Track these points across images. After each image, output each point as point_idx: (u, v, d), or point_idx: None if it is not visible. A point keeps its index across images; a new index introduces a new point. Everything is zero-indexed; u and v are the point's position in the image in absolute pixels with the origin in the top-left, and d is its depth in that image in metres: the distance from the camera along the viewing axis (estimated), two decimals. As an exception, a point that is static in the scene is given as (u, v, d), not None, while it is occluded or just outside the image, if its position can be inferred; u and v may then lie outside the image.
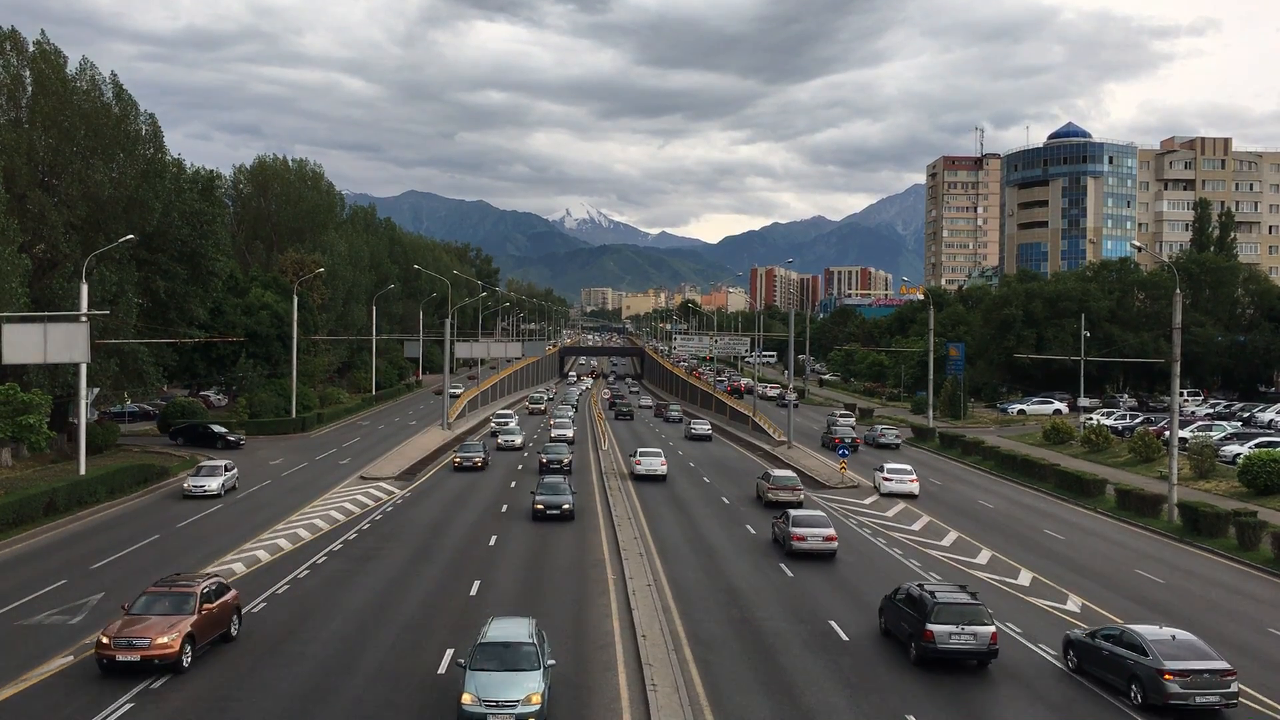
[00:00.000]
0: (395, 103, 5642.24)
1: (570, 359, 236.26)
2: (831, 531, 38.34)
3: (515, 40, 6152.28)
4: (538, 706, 20.00)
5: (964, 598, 25.83)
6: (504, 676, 20.35)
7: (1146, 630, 24.15)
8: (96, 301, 52.82)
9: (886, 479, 54.06)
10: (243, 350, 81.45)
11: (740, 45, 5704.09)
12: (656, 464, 58.56)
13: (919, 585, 27.07)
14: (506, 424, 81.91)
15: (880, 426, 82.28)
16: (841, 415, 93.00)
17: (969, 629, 24.80)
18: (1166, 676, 22.27)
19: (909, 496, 52.95)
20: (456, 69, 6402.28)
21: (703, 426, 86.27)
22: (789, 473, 52.94)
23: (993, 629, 25.14)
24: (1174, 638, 23.65)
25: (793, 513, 39.42)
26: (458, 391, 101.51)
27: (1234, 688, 22.54)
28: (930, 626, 24.83)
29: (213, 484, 48.43)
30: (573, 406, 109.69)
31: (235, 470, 51.46)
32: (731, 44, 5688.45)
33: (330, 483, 54.11)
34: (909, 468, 55.88)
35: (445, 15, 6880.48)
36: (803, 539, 37.79)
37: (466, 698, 19.95)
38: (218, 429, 69.13)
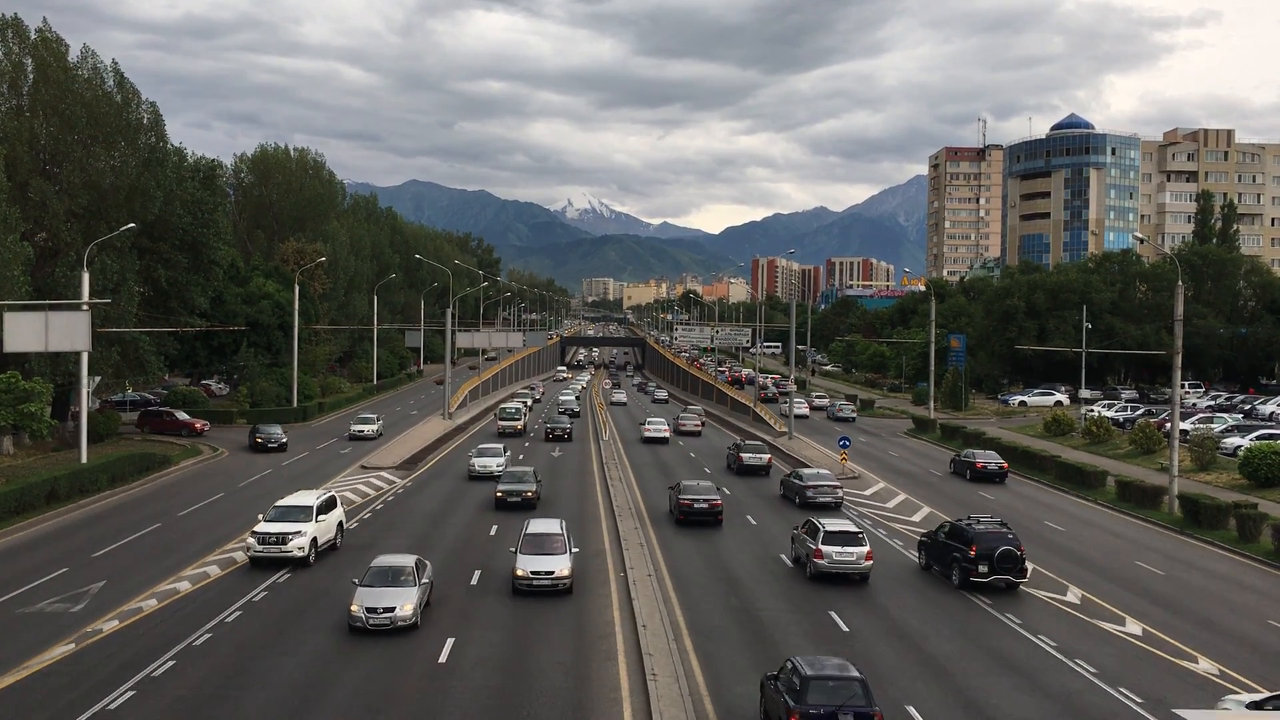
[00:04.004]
0: (394, 92, 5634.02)
1: (571, 349, 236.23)
2: (699, 422, 79.71)
3: (513, 30, 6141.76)
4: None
5: (760, 445, 60.82)
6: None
7: (806, 470, 49.05)
8: (98, 290, 52.81)
9: (681, 423, 79.16)
10: (244, 339, 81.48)
11: (739, 35, 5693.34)
12: (620, 395, 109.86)
13: (737, 440, 65.99)
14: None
15: (838, 402, 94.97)
16: (817, 397, 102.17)
17: (758, 455, 57.19)
18: (807, 490, 45.68)
19: (695, 434, 77.10)
20: (455, 58, 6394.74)
21: (661, 394, 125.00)
22: (698, 408, 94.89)
23: (768, 456, 57.68)
24: (818, 473, 47.93)
25: (680, 413, 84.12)
26: (365, 429, 67.82)
27: (840, 494, 46.01)
28: (742, 455, 57.57)
29: None
30: (564, 428, 71.11)
31: None
32: (730, 34, 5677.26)
33: (331, 472, 54.16)
34: (697, 413, 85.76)
35: (443, 4, 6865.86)
36: (684, 424, 78.22)
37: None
38: (270, 429, 62.55)
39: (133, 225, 54.63)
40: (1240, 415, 73.84)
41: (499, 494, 44.08)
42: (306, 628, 26.44)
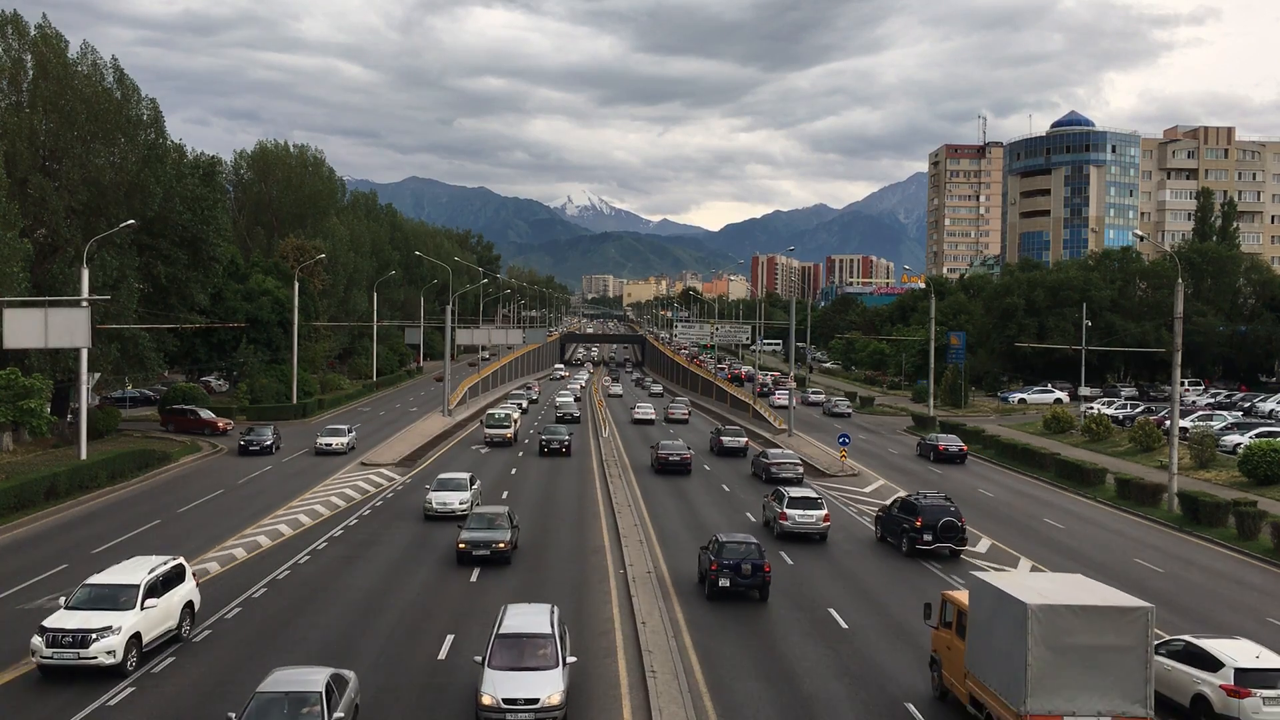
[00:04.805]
0: (394, 89, 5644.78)
1: (571, 346, 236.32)
2: (686, 411, 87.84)
3: (512, 26, 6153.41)
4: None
5: (738, 429, 67.93)
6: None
7: (772, 450, 55.58)
8: (97, 286, 52.77)
9: (671, 411, 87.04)
10: (244, 336, 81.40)
11: (738, 32, 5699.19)
12: (617, 388, 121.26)
13: (718, 426, 73.06)
14: None
15: (834, 398, 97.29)
16: (813, 393, 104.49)
17: (736, 439, 63.92)
18: (772, 467, 51.57)
19: (682, 421, 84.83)
20: (454, 55, 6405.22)
21: (656, 388, 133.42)
22: (685, 399, 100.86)
23: (745, 439, 64.32)
24: (782, 453, 54.00)
25: (670, 403, 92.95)
26: (334, 442, 59.52)
27: (801, 470, 52.06)
28: (722, 439, 64.24)
29: None
30: (562, 440, 62.10)
31: None
32: (730, 31, 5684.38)
33: (331, 469, 54.16)
34: (685, 403, 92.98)
35: (443, 1, 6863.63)
36: (673, 413, 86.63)
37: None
38: (260, 431, 60.41)
39: (132, 222, 54.56)
40: (1240, 413, 73.83)
41: (461, 544, 33.29)
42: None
